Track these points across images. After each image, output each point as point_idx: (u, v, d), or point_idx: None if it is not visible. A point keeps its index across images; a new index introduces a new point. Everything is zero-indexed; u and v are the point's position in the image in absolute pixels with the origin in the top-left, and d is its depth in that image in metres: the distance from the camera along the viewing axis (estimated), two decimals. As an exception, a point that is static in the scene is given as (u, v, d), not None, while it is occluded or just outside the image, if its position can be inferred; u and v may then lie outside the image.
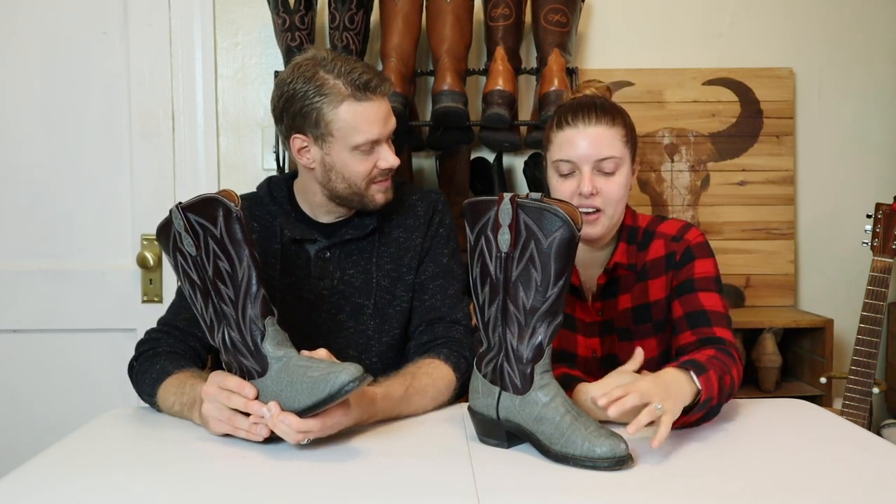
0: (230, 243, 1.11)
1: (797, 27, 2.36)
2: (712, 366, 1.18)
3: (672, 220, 1.44)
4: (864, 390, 1.94)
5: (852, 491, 0.99)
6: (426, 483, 1.01)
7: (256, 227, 1.49)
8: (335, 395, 1.05)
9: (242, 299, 1.13)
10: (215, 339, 1.19)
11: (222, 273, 1.13)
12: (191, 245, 1.14)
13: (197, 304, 1.20)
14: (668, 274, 1.40)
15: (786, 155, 2.34)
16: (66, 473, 1.05)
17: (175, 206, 1.15)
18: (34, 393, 2.27)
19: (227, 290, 1.13)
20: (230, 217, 1.11)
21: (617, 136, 1.35)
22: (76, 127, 2.25)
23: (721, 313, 1.33)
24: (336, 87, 1.34)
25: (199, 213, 1.13)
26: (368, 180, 1.41)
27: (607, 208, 1.35)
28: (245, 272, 1.12)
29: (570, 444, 1.06)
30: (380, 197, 1.44)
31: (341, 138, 1.37)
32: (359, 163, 1.39)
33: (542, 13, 2.05)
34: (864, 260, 2.06)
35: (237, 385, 1.14)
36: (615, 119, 1.36)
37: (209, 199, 1.13)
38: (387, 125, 1.40)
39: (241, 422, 1.14)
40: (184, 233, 1.15)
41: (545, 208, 1.06)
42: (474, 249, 1.14)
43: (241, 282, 1.12)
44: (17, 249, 2.26)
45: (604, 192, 1.34)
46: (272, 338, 1.13)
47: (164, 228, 1.19)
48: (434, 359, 1.36)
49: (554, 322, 1.09)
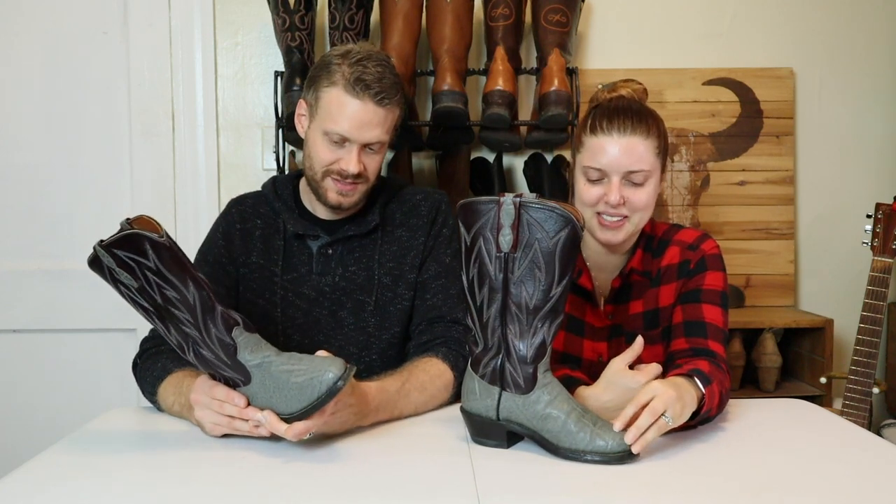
0: (169, 273, 1.07)
1: (797, 27, 2.36)
2: (715, 378, 1.19)
3: (689, 228, 1.44)
4: (864, 390, 1.94)
5: (852, 491, 0.99)
6: (426, 483, 1.01)
7: (260, 223, 1.50)
8: (326, 397, 1.05)
9: (202, 320, 1.09)
10: (189, 358, 1.15)
11: (172, 300, 1.08)
12: (129, 278, 1.08)
13: (158, 327, 1.14)
14: (680, 281, 1.39)
15: (786, 155, 2.34)
16: (66, 473, 1.05)
17: (97, 245, 1.07)
18: (34, 393, 2.27)
19: (184, 314, 1.09)
20: (159, 248, 1.05)
21: (650, 147, 1.32)
22: (76, 127, 2.25)
23: (719, 328, 1.34)
24: (340, 70, 1.37)
25: (126, 248, 1.06)
26: (325, 171, 1.41)
27: (633, 216, 1.35)
28: (194, 296, 1.08)
29: (579, 441, 1.07)
30: (332, 196, 1.43)
31: (319, 118, 1.40)
32: (324, 149, 1.40)
33: (542, 13, 2.05)
34: (864, 260, 2.06)
35: (226, 395, 1.13)
36: (650, 130, 1.33)
37: (131, 235, 1.06)
38: (362, 131, 1.37)
39: (240, 425, 1.14)
40: (117, 269, 1.07)
41: (549, 208, 1.06)
42: (471, 250, 1.14)
43: (195, 305, 1.08)
44: (17, 249, 2.26)
45: (631, 201, 1.33)
46: (244, 346, 1.10)
47: (95, 263, 1.09)
48: (432, 357, 1.36)
49: (556, 321, 1.09)
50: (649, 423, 1.06)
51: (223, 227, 1.51)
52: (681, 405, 1.10)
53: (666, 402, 1.08)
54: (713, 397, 1.16)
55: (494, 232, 1.10)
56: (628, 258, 1.42)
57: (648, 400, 1.08)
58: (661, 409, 1.07)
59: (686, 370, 1.18)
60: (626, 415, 1.08)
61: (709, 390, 1.15)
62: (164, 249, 1.06)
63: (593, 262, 1.44)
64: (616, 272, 1.42)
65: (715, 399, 1.17)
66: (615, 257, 1.42)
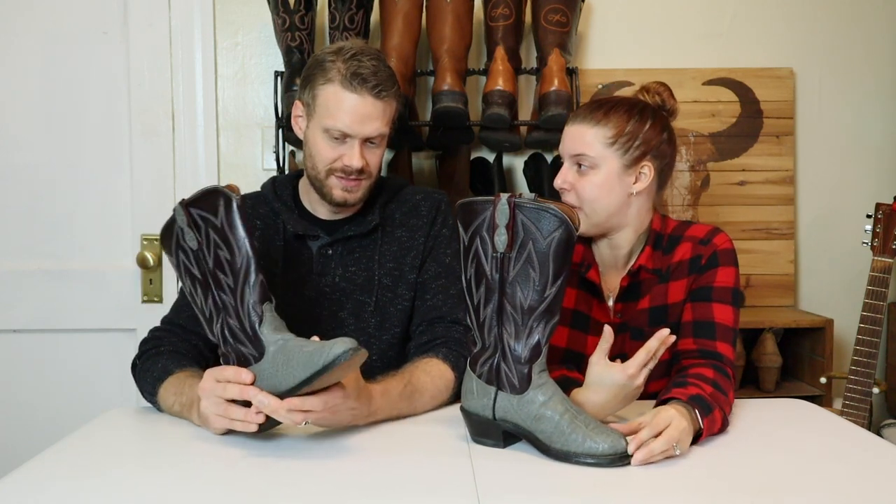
0: (230, 231, 1.15)
1: (797, 27, 2.36)
2: (716, 402, 1.19)
3: (700, 224, 1.44)
4: (864, 390, 1.94)
5: (852, 491, 0.99)
6: (426, 483, 1.01)
7: (260, 224, 1.50)
8: (331, 364, 1.04)
9: (241, 286, 1.15)
10: (214, 332, 1.20)
11: (222, 262, 1.16)
12: (192, 239, 1.18)
13: (197, 300, 1.22)
14: (691, 277, 1.38)
15: (786, 155, 2.34)
16: (66, 473, 1.05)
17: (178, 204, 1.20)
18: (34, 393, 2.26)
19: (227, 279, 1.16)
20: (230, 206, 1.15)
21: (598, 135, 1.35)
22: (76, 127, 2.25)
23: (729, 327, 1.33)
24: (335, 67, 1.38)
25: (200, 206, 1.18)
26: (329, 169, 1.42)
27: (583, 205, 1.36)
28: (243, 260, 1.15)
29: (570, 442, 1.07)
30: (338, 193, 1.43)
31: (318, 115, 1.40)
32: (326, 147, 1.41)
33: (542, 13, 2.05)
34: (864, 260, 2.06)
35: (234, 373, 1.14)
36: (606, 119, 1.35)
37: (211, 190, 1.18)
38: (363, 125, 1.38)
39: (236, 412, 1.13)
40: (186, 228, 1.19)
41: (543, 208, 1.06)
42: (468, 250, 1.14)
43: (240, 269, 1.15)
44: (17, 249, 2.25)
45: (576, 188, 1.37)
46: (269, 323, 1.14)
47: (168, 229, 1.23)
48: (433, 358, 1.36)
49: (551, 322, 1.09)
50: (662, 449, 1.07)
51: (223, 228, 1.51)
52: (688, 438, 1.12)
53: (681, 434, 1.09)
54: (713, 425, 1.17)
55: (490, 232, 1.10)
56: (636, 256, 1.42)
57: (664, 427, 1.09)
58: (675, 439, 1.08)
59: (688, 396, 1.17)
60: (641, 438, 1.08)
61: (708, 420, 1.15)
62: (233, 209, 1.15)
63: (600, 258, 1.45)
64: (623, 269, 1.42)
65: (716, 426, 1.18)
66: (622, 253, 1.42)
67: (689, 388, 1.20)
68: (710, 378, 1.24)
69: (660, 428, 1.09)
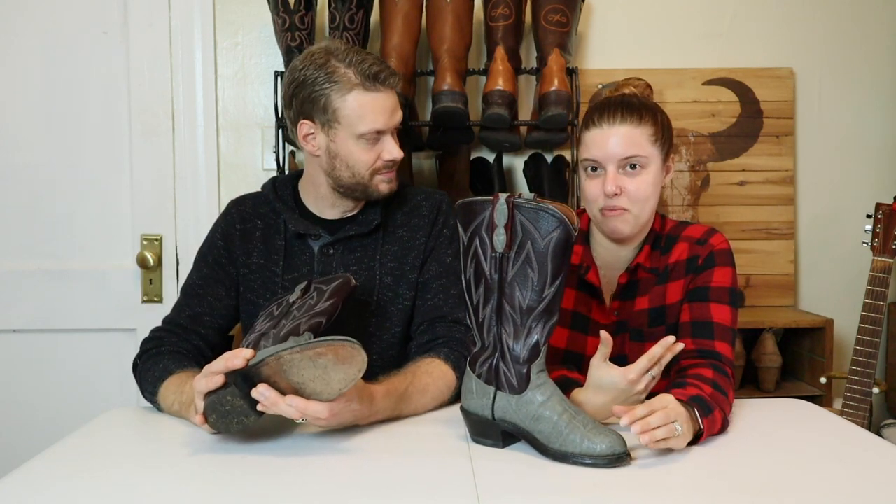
0: (328, 298, 1.24)
1: (797, 27, 2.36)
2: (716, 403, 1.18)
3: (697, 224, 1.44)
4: (864, 390, 1.94)
5: (852, 491, 0.99)
6: (426, 483, 1.01)
7: (260, 223, 1.50)
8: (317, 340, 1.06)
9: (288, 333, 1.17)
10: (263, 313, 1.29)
11: (308, 309, 1.22)
12: (297, 294, 1.27)
13: (261, 315, 1.29)
14: (688, 277, 1.38)
15: (786, 155, 2.34)
16: (66, 473, 1.05)
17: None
18: (34, 393, 2.27)
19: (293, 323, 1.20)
20: (344, 289, 1.26)
21: (644, 134, 1.34)
22: (76, 127, 2.25)
23: (727, 327, 1.33)
24: (346, 75, 1.37)
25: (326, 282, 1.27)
26: (372, 170, 1.43)
27: (633, 207, 1.34)
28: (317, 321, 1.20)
29: (568, 442, 1.06)
30: (384, 186, 1.46)
31: (347, 126, 1.39)
32: (363, 152, 1.41)
33: (542, 13, 2.05)
34: (864, 260, 2.06)
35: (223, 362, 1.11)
36: (643, 117, 1.34)
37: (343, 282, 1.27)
38: (393, 117, 1.42)
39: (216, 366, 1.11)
40: (299, 291, 1.27)
41: (541, 208, 1.06)
42: (468, 250, 1.14)
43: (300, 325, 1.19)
44: (17, 249, 2.26)
45: (629, 191, 1.33)
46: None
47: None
48: (434, 358, 1.36)
49: (550, 322, 1.09)
50: (660, 423, 1.07)
51: (223, 228, 1.51)
52: (686, 427, 1.10)
53: (679, 414, 1.09)
54: (713, 425, 1.16)
55: (489, 232, 1.10)
56: (635, 255, 1.42)
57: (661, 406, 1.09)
58: (673, 418, 1.08)
59: (688, 396, 1.17)
60: (636, 414, 1.07)
61: (708, 420, 1.15)
62: (343, 289, 1.25)
63: (601, 258, 1.44)
64: (623, 269, 1.42)
65: (716, 426, 1.17)
66: (623, 254, 1.42)
67: (688, 388, 1.19)
68: (710, 378, 1.23)
69: (656, 407, 1.09)
